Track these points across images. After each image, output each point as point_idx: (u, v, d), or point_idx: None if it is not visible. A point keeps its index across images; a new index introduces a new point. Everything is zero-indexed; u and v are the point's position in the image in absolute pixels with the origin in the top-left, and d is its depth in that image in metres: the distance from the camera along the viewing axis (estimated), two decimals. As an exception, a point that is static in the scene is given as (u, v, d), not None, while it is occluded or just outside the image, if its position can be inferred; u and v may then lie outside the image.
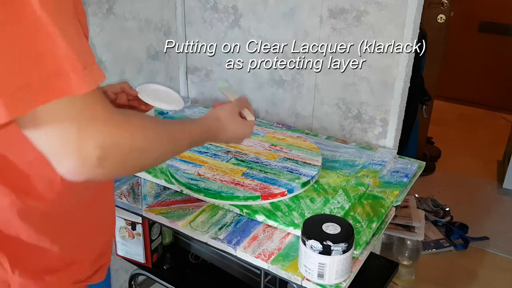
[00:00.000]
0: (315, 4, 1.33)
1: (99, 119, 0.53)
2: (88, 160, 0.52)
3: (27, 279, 0.64)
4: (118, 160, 0.56)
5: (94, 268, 0.72)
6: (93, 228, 0.73)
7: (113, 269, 1.60)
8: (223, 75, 1.61)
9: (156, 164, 0.67)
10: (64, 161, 0.52)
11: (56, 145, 0.52)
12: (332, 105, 1.41)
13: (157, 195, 1.09)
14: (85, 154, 0.52)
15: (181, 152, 0.76)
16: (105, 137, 0.53)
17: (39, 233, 0.64)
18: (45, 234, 0.65)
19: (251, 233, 0.96)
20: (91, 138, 0.52)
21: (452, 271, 2.06)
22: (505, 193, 2.65)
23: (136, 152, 0.58)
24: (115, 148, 0.55)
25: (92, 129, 0.52)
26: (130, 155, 0.57)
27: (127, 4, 1.39)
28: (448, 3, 2.42)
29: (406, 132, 1.96)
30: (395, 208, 1.07)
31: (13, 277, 0.63)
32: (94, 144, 0.52)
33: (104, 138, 0.53)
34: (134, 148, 0.57)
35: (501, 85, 3.61)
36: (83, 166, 0.52)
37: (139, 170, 0.65)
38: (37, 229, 0.64)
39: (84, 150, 0.52)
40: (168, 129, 0.68)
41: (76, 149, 0.51)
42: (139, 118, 0.61)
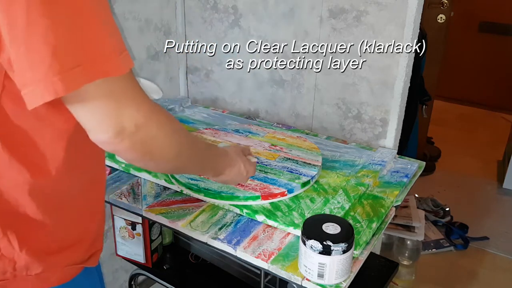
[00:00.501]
0: (315, 4, 1.33)
1: (135, 99, 0.60)
2: (121, 133, 0.59)
3: (33, 258, 0.67)
4: (145, 140, 0.62)
5: (88, 253, 0.77)
6: (87, 212, 0.77)
7: (113, 269, 1.60)
8: (223, 75, 1.61)
9: (172, 163, 0.73)
10: (102, 132, 0.59)
11: (96, 118, 0.58)
12: (332, 105, 1.41)
13: (157, 195, 1.09)
14: (120, 128, 0.59)
15: (195, 163, 0.83)
16: (140, 117, 0.60)
17: (44, 212, 0.67)
18: (49, 214, 0.68)
19: (251, 233, 0.96)
20: (128, 115, 0.59)
21: (452, 271, 2.06)
22: (505, 193, 2.65)
23: (160, 137, 0.65)
24: (146, 129, 0.61)
25: (129, 108, 0.59)
26: (156, 139, 0.64)
27: (127, 4, 1.39)
28: (448, 3, 2.42)
29: (406, 132, 1.96)
30: (395, 208, 1.07)
31: (20, 255, 0.66)
32: (130, 122, 0.59)
33: (139, 118, 0.60)
34: (159, 133, 0.64)
35: (501, 85, 3.61)
36: (117, 137, 0.59)
37: (158, 161, 0.69)
38: (43, 208, 0.67)
39: (120, 124, 0.59)
40: (188, 134, 0.78)
41: (114, 123, 0.58)
42: (166, 111, 0.68)
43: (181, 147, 0.72)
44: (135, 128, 0.60)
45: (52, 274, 0.70)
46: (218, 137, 1.28)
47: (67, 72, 0.53)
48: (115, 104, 0.58)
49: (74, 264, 0.73)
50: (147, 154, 0.65)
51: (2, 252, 0.65)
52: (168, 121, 0.67)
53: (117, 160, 1.18)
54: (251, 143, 1.25)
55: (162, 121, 0.65)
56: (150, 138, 0.63)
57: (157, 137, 0.64)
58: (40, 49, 0.52)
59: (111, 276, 1.60)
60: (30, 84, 0.53)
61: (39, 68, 0.52)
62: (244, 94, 1.59)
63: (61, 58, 0.52)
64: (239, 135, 1.30)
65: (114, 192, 1.09)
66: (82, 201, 0.74)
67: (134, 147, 0.62)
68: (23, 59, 0.52)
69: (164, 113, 0.67)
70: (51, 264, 0.70)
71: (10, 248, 0.66)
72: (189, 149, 0.76)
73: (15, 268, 0.67)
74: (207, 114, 1.54)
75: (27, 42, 0.52)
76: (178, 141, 0.70)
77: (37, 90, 0.53)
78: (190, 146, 0.77)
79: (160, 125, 0.64)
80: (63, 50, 0.53)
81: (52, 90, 0.52)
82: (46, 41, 0.52)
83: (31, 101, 0.53)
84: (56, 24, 0.52)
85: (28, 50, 0.52)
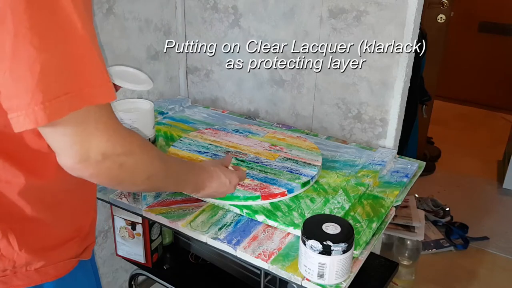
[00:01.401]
0: (315, 4, 1.33)
1: (107, 129, 0.61)
2: (86, 161, 0.60)
3: (32, 255, 0.69)
4: (111, 168, 0.63)
5: (83, 246, 0.79)
6: (80, 209, 0.79)
7: (113, 269, 1.60)
8: (223, 75, 1.61)
9: (143, 186, 0.75)
10: (67, 156, 0.60)
11: (64, 143, 0.59)
12: (332, 105, 1.41)
13: (157, 195, 1.09)
14: (86, 156, 0.59)
15: (169, 184, 0.84)
16: (108, 147, 0.61)
17: (41, 211, 0.69)
18: (46, 213, 0.70)
19: (251, 233, 0.96)
20: (96, 144, 0.60)
21: (452, 271, 2.06)
22: (505, 193, 2.65)
23: (129, 165, 0.65)
24: (113, 158, 0.62)
25: (99, 137, 0.60)
26: (124, 167, 0.65)
27: (127, 4, 1.39)
28: (448, 3, 2.42)
29: (406, 132, 1.96)
30: (395, 208, 1.07)
31: (20, 254, 0.68)
32: (97, 151, 0.60)
33: (108, 147, 0.61)
34: (128, 161, 0.65)
35: (501, 85, 3.61)
36: (80, 164, 0.60)
37: (128, 185, 0.72)
38: (40, 207, 0.69)
39: (86, 152, 0.59)
40: (162, 157, 0.78)
41: (80, 150, 0.59)
42: (140, 138, 0.69)
43: (152, 173, 0.72)
44: (101, 157, 0.60)
45: (51, 269, 0.72)
46: (218, 137, 1.28)
47: (49, 101, 0.53)
48: (85, 132, 0.58)
49: (71, 258, 0.76)
50: (113, 180, 0.66)
51: (2, 252, 0.67)
52: (139, 150, 0.67)
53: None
54: (251, 143, 1.25)
55: (133, 150, 0.65)
56: (117, 166, 0.64)
57: (125, 165, 0.65)
58: (26, 77, 0.52)
59: (111, 276, 1.60)
60: (14, 110, 0.53)
61: (23, 97, 0.52)
62: (244, 94, 1.59)
63: (45, 87, 0.53)
64: (239, 135, 1.30)
65: (114, 192, 1.09)
66: (76, 198, 0.76)
67: (99, 174, 0.63)
68: (8, 84, 0.53)
69: (137, 140, 0.67)
70: (49, 260, 0.72)
71: (10, 248, 0.67)
72: (162, 172, 0.76)
73: (15, 266, 0.68)
74: (207, 114, 1.54)
75: (13, 69, 0.52)
76: (149, 168, 0.71)
77: (20, 117, 0.53)
78: (165, 171, 0.77)
79: (130, 154, 0.65)
80: (49, 80, 0.53)
81: (33, 119, 0.53)
82: (31, 70, 0.52)
83: (16, 126, 0.54)
84: (43, 52, 0.52)
85: (14, 77, 0.52)
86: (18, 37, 0.51)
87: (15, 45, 0.51)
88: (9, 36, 0.51)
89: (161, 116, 1.49)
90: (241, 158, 1.17)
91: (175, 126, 1.42)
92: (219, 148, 1.22)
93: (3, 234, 0.66)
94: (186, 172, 0.88)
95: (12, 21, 0.50)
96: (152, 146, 0.74)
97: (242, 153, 1.20)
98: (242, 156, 1.18)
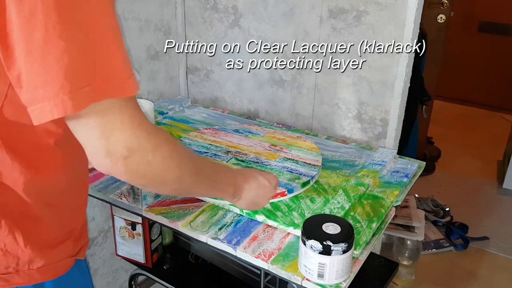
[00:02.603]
0: (315, 4, 1.33)
1: (132, 122, 0.60)
2: (114, 157, 0.60)
3: (36, 253, 0.70)
4: (140, 164, 0.62)
5: (78, 246, 0.80)
6: (77, 207, 0.80)
7: (113, 269, 1.60)
8: (223, 75, 1.61)
9: (174, 186, 0.72)
10: (96, 153, 0.60)
11: (91, 137, 0.59)
12: (332, 105, 1.41)
13: (157, 195, 1.09)
14: (114, 150, 0.59)
15: (202, 186, 0.80)
16: (133, 141, 0.60)
17: (43, 208, 0.70)
18: (47, 210, 0.71)
19: (251, 233, 0.96)
20: (123, 139, 0.59)
21: (452, 271, 2.06)
22: (505, 193, 2.65)
23: (157, 162, 0.64)
24: (140, 153, 0.61)
25: (125, 131, 0.59)
26: (152, 163, 0.64)
27: (127, 4, 1.39)
28: (448, 3, 2.42)
29: (406, 132, 1.96)
30: (395, 208, 1.07)
31: (24, 251, 0.68)
32: (123, 145, 0.59)
33: (133, 141, 0.60)
34: (156, 158, 0.64)
35: (501, 85, 3.61)
36: (110, 161, 0.60)
37: (158, 184, 0.69)
38: (41, 206, 0.69)
39: (113, 146, 0.59)
40: (193, 156, 0.76)
41: (108, 144, 0.59)
42: (167, 134, 0.68)
43: (182, 172, 0.71)
44: (127, 152, 0.60)
45: (52, 267, 0.73)
46: (218, 137, 1.28)
47: (77, 91, 0.54)
48: (109, 125, 0.58)
49: (68, 257, 0.76)
50: (143, 178, 0.65)
51: (6, 248, 0.67)
52: (167, 146, 0.66)
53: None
54: (251, 143, 1.25)
55: (160, 145, 0.64)
56: (146, 162, 0.63)
57: (153, 162, 0.64)
58: (54, 68, 0.53)
59: (111, 276, 1.60)
60: (40, 100, 0.54)
61: (51, 87, 0.53)
62: (244, 94, 1.59)
63: (73, 78, 0.54)
64: (239, 135, 1.30)
65: (114, 192, 1.09)
66: (73, 197, 0.77)
67: (127, 171, 0.62)
68: (36, 76, 0.54)
69: (164, 136, 0.66)
70: (49, 258, 0.72)
71: (15, 244, 0.67)
72: (193, 173, 0.74)
73: (18, 263, 0.69)
74: (207, 114, 1.54)
75: (42, 62, 0.53)
76: (178, 165, 0.69)
77: (47, 107, 0.54)
78: (195, 170, 0.75)
79: (157, 149, 0.64)
80: (76, 71, 0.54)
81: (61, 108, 0.54)
82: (60, 62, 0.53)
83: (39, 117, 0.55)
84: (72, 45, 0.54)
85: (43, 69, 0.53)
86: (48, 31, 0.52)
87: (45, 37, 0.52)
88: (39, 29, 0.52)
89: (161, 116, 1.49)
90: (241, 158, 1.17)
91: (175, 126, 1.42)
92: (219, 148, 1.22)
93: (9, 230, 0.67)
94: (218, 172, 0.85)
95: (42, 14, 0.52)
96: (179, 143, 0.72)
97: (242, 153, 1.20)
98: (242, 156, 1.18)
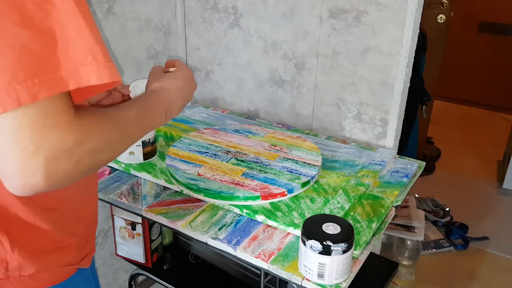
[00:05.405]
0: (315, 4, 1.33)
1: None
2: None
3: (25, 258, 0.67)
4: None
5: (81, 254, 0.77)
6: (77, 216, 0.76)
7: (113, 269, 1.60)
8: (223, 75, 1.61)
9: (114, 156, 0.64)
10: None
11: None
12: (332, 105, 1.41)
13: (157, 195, 1.09)
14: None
15: (138, 138, 0.71)
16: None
17: (35, 214, 0.67)
18: (40, 216, 0.68)
19: (251, 233, 0.96)
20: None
21: (452, 271, 2.06)
22: (505, 193, 2.65)
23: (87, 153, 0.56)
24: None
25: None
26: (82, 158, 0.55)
27: (127, 4, 1.39)
28: (448, 3, 2.42)
29: (406, 132, 1.96)
30: (395, 208, 1.07)
31: (12, 256, 0.66)
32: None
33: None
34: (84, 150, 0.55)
35: (501, 85, 3.61)
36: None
37: (94, 168, 0.62)
38: (34, 210, 0.67)
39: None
40: (116, 122, 0.64)
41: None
42: (92, 116, 0.58)
43: (114, 145, 0.63)
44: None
45: (46, 275, 0.71)
46: (218, 137, 1.28)
47: (31, 80, 0.49)
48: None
49: (68, 264, 0.74)
50: (80, 173, 0.57)
51: None
52: (92, 128, 0.57)
53: (117, 160, 1.18)
54: (251, 143, 1.25)
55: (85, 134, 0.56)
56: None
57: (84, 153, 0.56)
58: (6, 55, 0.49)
59: (111, 276, 1.60)
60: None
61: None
62: (244, 94, 1.59)
63: (43, 64, 0.50)
64: (239, 135, 1.30)
65: (114, 192, 1.09)
66: (72, 205, 0.74)
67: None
68: None
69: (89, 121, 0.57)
70: (44, 265, 0.70)
71: (2, 249, 0.66)
72: (126, 136, 0.66)
73: (8, 268, 0.67)
74: (207, 114, 1.54)
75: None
76: (109, 140, 0.60)
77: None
78: (126, 134, 0.66)
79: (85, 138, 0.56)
80: (46, 56, 0.50)
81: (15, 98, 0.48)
82: (12, 47, 0.49)
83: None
84: (24, 30, 0.49)
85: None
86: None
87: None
88: None
89: (161, 116, 1.49)
90: (241, 158, 1.17)
91: (175, 126, 1.42)
92: (219, 148, 1.22)
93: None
94: (145, 114, 0.74)
95: None
96: (100, 117, 0.60)
97: (242, 153, 1.20)
98: (242, 156, 1.18)
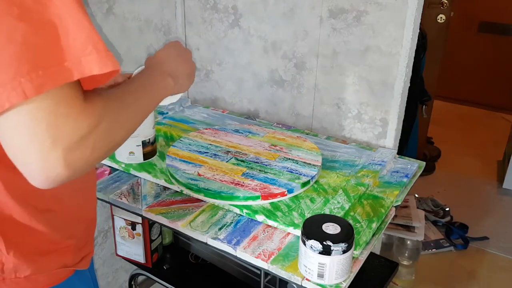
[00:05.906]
0: (315, 4, 1.33)
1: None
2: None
3: (21, 260, 0.67)
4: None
5: (79, 256, 0.76)
6: (75, 217, 0.75)
7: (113, 269, 1.60)
8: (223, 75, 1.61)
9: (128, 134, 0.63)
10: None
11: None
12: (332, 105, 1.41)
13: (157, 195, 1.09)
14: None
15: (148, 112, 0.70)
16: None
17: (31, 215, 0.66)
18: (36, 217, 0.67)
19: (251, 233, 0.96)
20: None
21: (452, 271, 2.06)
22: (505, 193, 2.65)
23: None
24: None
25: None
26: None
27: (127, 4, 1.39)
28: (448, 3, 2.42)
29: (406, 132, 1.96)
30: (395, 208, 1.07)
31: (8, 257, 0.66)
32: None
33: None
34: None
35: (501, 85, 3.61)
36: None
37: (111, 150, 0.61)
38: (29, 211, 0.66)
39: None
40: (122, 97, 0.63)
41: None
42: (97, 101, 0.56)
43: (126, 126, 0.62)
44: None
45: (42, 277, 0.70)
46: (218, 137, 1.28)
47: (35, 73, 0.48)
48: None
49: (65, 266, 0.73)
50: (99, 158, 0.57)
51: None
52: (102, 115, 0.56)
53: (117, 160, 1.18)
54: (251, 143, 1.25)
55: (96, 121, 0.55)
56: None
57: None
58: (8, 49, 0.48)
59: (111, 276, 1.60)
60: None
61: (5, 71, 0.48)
62: (244, 94, 1.59)
63: (44, 56, 0.49)
64: (239, 135, 1.30)
65: (114, 192, 1.09)
66: (69, 206, 0.73)
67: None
68: None
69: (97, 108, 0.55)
70: (40, 267, 0.69)
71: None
72: (134, 116, 0.65)
73: (3, 270, 0.66)
74: (207, 114, 1.54)
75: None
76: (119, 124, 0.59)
77: (3, 93, 0.48)
78: (134, 114, 0.64)
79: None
80: (31, 53, 0.49)
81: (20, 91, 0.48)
82: (12, 40, 0.48)
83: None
84: (22, 22, 0.48)
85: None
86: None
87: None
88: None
89: (161, 116, 1.49)
90: (241, 158, 1.17)
91: (175, 126, 1.42)
92: (219, 148, 1.22)
93: None
94: (146, 84, 0.73)
95: None
96: (106, 101, 0.58)
97: (242, 153, 1.20)
98: (242, 156, 1.18)
